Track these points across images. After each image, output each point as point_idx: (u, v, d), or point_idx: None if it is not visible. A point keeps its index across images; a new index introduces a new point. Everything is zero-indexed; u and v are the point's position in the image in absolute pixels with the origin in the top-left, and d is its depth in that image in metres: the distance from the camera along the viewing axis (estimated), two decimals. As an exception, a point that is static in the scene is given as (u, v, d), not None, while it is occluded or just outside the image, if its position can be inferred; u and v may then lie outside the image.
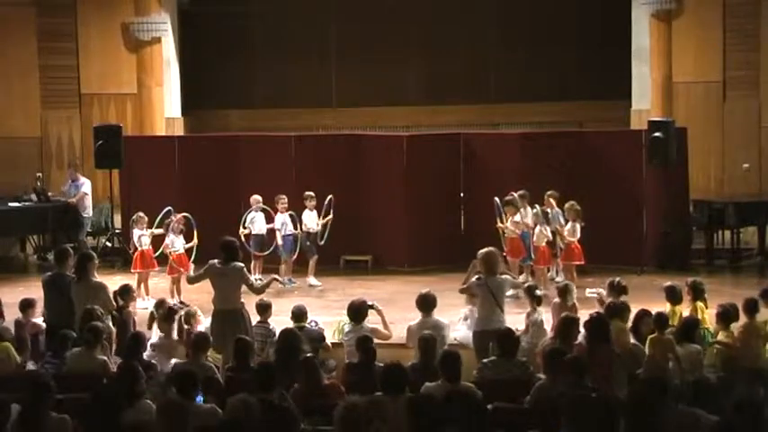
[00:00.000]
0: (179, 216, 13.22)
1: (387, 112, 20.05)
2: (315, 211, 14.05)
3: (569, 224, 13.15)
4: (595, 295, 11.16)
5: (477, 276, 9.83)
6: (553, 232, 13.23)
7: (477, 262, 9.91)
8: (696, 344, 9.07)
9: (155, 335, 9.99)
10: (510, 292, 10.42)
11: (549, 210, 13.37)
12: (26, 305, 10.49)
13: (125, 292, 10.52)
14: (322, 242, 14.08)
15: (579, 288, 11.60)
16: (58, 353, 8.90)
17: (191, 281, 10.84)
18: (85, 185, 16.31)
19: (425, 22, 20.24)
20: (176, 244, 13.06)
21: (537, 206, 13.29)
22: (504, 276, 9.98)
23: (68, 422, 6.57)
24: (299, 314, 9.92)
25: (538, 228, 13.18)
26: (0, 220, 15.80)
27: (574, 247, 13.14)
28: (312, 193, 14.06)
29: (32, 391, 6.60)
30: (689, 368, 8.66)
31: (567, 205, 13.23)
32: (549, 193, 13.49)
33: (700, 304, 10.19)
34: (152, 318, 10.43)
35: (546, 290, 12.21)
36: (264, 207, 14.05)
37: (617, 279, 10.37)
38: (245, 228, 13.92)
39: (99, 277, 10.60)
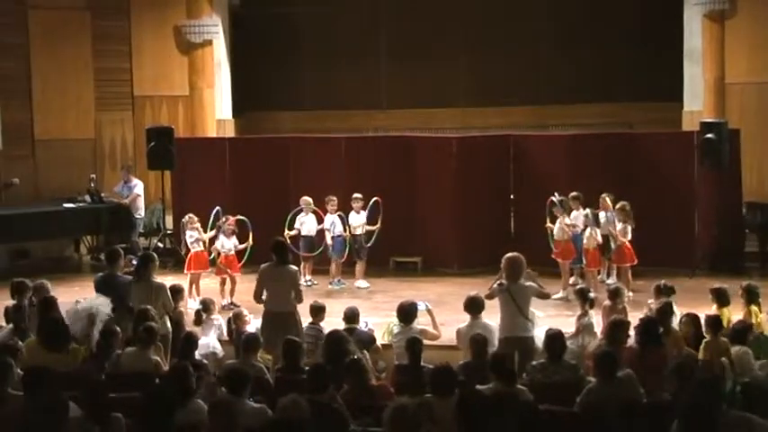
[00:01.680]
0: (231, 219, 13.31)
1: (437, 113, 20.03)
2: (362, 213, 14.08)
3: (620, 225, 13.07)
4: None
5: (499, 282, 9.68)
6: (605, 235, 13.13)
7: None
8: (746, 346, 8.97)
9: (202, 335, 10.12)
10: (559, 294, 10.28)
11: (603, 212, 13.29)
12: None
13: (175, 293, 10.62)
14: (368, 245, 14.11)
15: (635, 292, 11.49)
16: (106, 351, 8.91)
17: (258, 298, 10.37)
18: (138, 187, 16.51)
19: (476, 24, 20.19)
20: (226, 245, 13.16)
21: (588, 209, 13.22)
22: (528, 283, 9.66)
23: (122, 421, 6.64)
24: (351, 316, 9.92)
25: (588, 230, 13.10)
26: (55, 221, 16.05)
27: (625, 248, 13.06)
28: (360, 195, 14.08)
29: (87, 391, 6.68)
30: (740, 370, 8.57)
31: (617, 206, 13.16)
32: (604, 195, 13.42)
33: (754, 308, 10.03)
34: (198, 317, 10.57)
35: (596, 293, 12.15)
36: (315, 209, 14.11)
37: (662, 282, 10.31)
38: (291, 229, 13.98)
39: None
